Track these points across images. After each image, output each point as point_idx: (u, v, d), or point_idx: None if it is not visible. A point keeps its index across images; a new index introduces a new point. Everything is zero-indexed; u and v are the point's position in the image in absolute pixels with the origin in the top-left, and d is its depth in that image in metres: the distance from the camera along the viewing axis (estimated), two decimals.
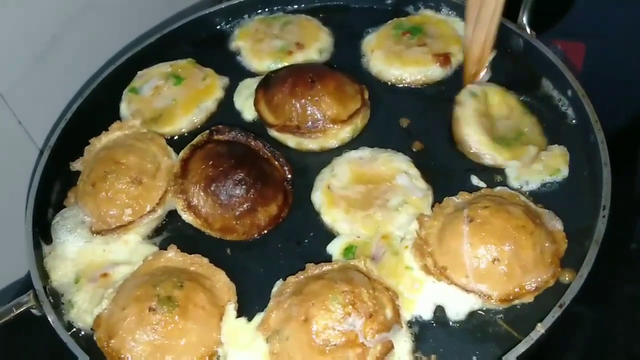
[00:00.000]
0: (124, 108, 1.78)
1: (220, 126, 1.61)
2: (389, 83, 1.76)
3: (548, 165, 1.49)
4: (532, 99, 1.65)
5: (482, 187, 1.48)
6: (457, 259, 1.29)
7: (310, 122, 1.60)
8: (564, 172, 1.49)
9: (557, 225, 1.37)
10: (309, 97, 1.59)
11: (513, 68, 1.73)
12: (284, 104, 1.62)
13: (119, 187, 1.48)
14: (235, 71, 1.85)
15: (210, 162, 1.49)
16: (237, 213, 1.46)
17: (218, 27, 1.99)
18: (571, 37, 2.11)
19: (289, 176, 1.57)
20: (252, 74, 1.83)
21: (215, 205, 1.46)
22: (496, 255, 1.26)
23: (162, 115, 1.73)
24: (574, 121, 1.59)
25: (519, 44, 1.74)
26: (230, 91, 1.80)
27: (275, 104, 1.64)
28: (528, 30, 1.72)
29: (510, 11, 1.77)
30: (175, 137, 1.71)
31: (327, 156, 1.60)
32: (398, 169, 1.51)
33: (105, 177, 1.49)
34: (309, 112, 1.59)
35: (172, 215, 1.53)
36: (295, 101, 1.60)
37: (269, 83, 1.69)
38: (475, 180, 1.51)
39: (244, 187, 1.46)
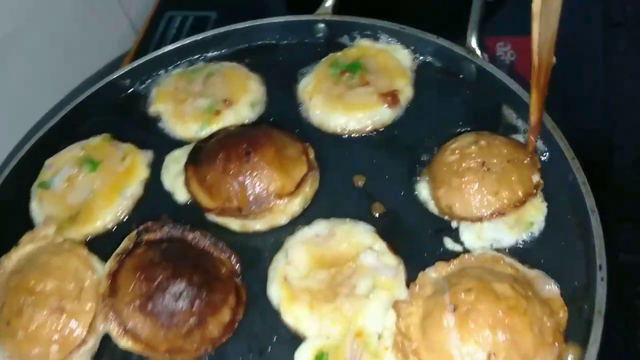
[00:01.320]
0: (36, 207, 1.52)
1: (149, 223, 1.38)
2: (334, 133, 1.55)
3: (519, 219, 1.31)
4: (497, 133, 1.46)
5: (458, 251, 1.30)
6: (446, 356, 1.11)
7: (252, 201, 1.38)
8: (540, 223, 1.31)
9: (552, 288, 1.20)
10: (247, 173, 1.37)
11: (470, 97, 1.55)
12: (218, 184, 1.39)
13: (38, 321, 1.24)
14: (158, 142, 1.61)
15: (143, 276, 1.26)
16: (184, 331, 1.24)
17: (131, 90, 1.74)
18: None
19: (238, 268, 1.36)
20: (179, 142, 1.60)
21: (155, 326, 1.23)
22: (491, 350, 1.08)
23: (81, 212, 1.48)
24: (546, 154, 1.41)
25: (471, 70, 1.55)
26: (156, 166, 1.56)
27: (209, 184, 1.41)
28: (479, 53, 1.54)
29: (455, 32, 1.60)
30: (101, 235, 1.47)
31: (278, 235, 1.40)
32: (361, 245, 1.31)
33: (21, 311, 1.25)
34: (249, 190, 1.38)
35: (109, 340, 1.29)
36: (231, 180, 1.38)
37: (198, 158, 1.46)
38: (449, 244, 1.33)
39: (186, 300, 1.24)
